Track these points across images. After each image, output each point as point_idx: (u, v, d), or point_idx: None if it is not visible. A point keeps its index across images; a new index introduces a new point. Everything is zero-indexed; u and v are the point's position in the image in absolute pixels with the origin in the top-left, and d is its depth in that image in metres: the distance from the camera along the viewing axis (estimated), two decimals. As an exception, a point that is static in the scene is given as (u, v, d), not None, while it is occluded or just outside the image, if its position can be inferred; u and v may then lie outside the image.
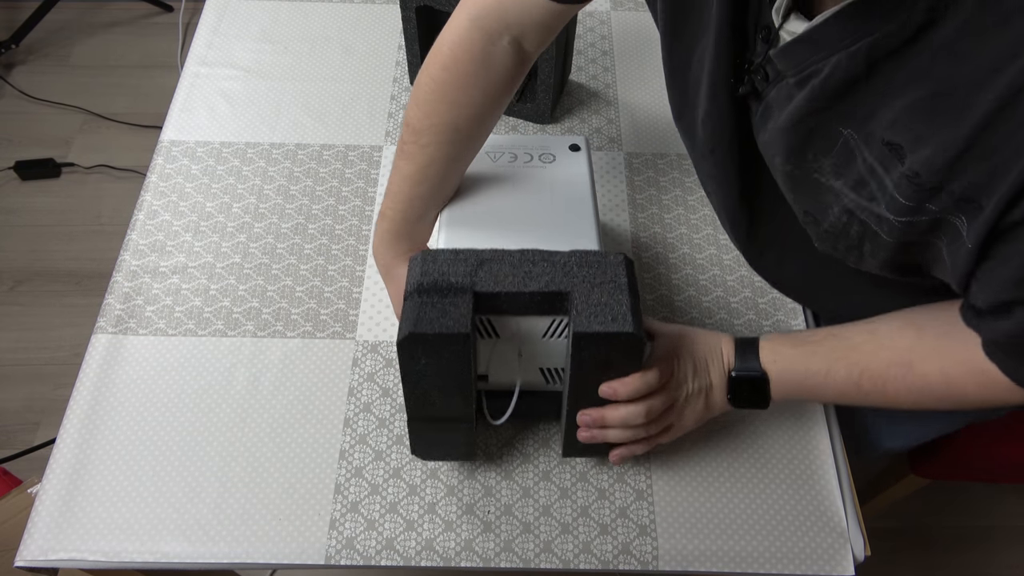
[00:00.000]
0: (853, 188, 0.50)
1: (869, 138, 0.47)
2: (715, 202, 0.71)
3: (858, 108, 0.47)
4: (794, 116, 0.51)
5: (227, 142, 0.94)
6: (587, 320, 0.56)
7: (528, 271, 0.59)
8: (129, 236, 0.86)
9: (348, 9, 1.10)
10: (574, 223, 0.68)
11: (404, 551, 0.68)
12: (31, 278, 1.73)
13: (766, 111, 0.55)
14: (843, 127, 0.49)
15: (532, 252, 0.60)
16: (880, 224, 0.49)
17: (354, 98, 1.00)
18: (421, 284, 0.58)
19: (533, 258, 0.60)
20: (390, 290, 0.75)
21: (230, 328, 0.79)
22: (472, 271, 0.59)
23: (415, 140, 0.68)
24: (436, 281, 0.58)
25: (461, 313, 0.56)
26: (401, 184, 0.70)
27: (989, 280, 0.46)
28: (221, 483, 0.70)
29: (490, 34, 0.66)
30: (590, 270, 0.59)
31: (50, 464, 0.71)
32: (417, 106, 0.68)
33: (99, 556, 0.66)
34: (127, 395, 0.75)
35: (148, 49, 2.15)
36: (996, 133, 0.41)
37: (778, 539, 0.68)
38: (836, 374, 0.61)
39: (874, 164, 0.47)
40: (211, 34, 1.06)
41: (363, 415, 0.75)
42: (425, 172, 0.68)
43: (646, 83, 1.03)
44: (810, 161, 0.52)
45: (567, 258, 0.60)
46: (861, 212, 0.50)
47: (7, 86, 2.03)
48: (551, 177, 0.72)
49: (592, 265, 0.59)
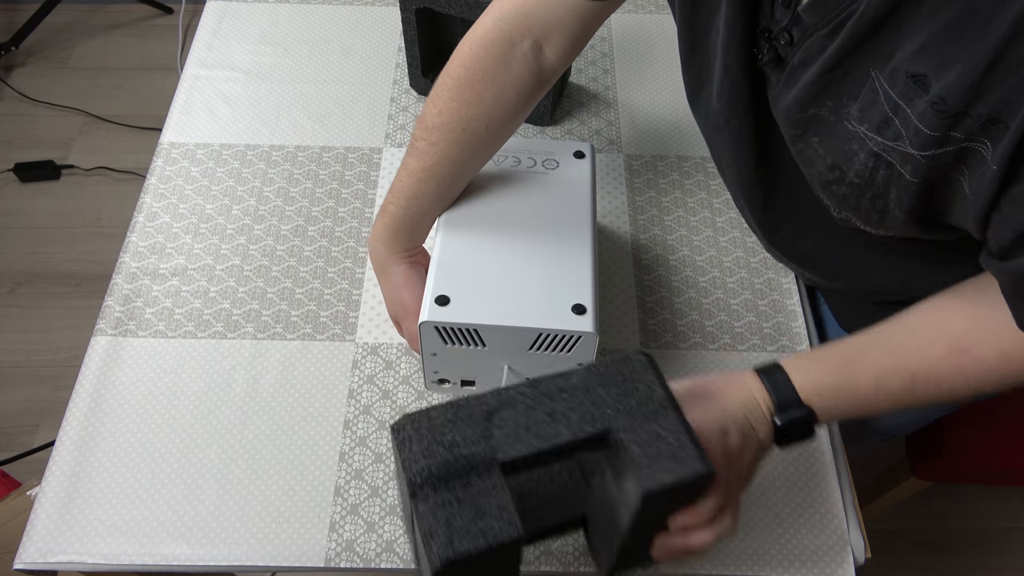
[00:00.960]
0: (878, 130, 0.49)
1: (894, 73, 0.47)
2: (730, 177, 0.71)
3: (885, 44, 0.47)
4: (828, 64, 0.51)
5: (227, 144, 0.94)
6: (650, 470, 0.46)
7: (549, 411, 0.48)
8: (129, 238, 0.86)
9: (348, 11, 1.10)
10: (569, 234, 0.68)
11: (404, 553, 0.68)
12: (31, 280, 1.73)
13: (792, 75, 0.55)
14: (871, 67, 0.49)
15: (543, 384, 0.50)
16: (905, 164, 0.49)
17: (354, 100, 1.00)
18: (429, 471, 0.45)
19: (548, 390, 0.49)
20: (383, 287, 0.75)
21: (230, 330, 0.79)
22: (484, 431, 0.47)
23: (426, 137, 0.68)
24: (447, 461, 0.46)
25: (500, 504, 0.44)
26: (407, 180, 0.69)
27: (1012, 207, 0.45)
28: (221, 485, 0.70)
29: (511, 36, 0.66)
30: (617, 389, 0.50)
31: (49, 466, 0.71)
32: (432, 103, 0.68)
33: (98, 558, 0.66)
34: (127, 397, 0.75)
35: (148, 51, 2.15)
36: (1021, 46, 0.40)
37: (778, 541, 0.68)
38: (888, 386, 0.57)
39: (898, 100, 0.47)
40: (211, 36, 1.06)
41: (363, 417, 0.75)
42: (432, 170, 0.68)
43: (646, 85, 1.03)
44: (844, 106, 0.52)
45: (585, 379, 0.50)
46: (887, 153, 0.49)
47: (7, 88, 2.03)
48: (552, 184, 0.72)
49: (617, 382, 0.50)
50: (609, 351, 0.79)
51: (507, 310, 0.62)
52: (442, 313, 0.62)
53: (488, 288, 0.63)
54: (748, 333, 0.81)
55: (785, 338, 0.80)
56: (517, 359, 0.65)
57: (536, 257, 0.65)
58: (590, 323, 0.61)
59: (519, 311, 0.62)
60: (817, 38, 0.51)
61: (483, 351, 0.64)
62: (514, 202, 0.70)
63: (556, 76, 0.71)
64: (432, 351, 0.66)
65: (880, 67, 0.48)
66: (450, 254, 0.66)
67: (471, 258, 0.66)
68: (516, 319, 0.61)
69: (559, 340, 0.62)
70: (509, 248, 0.66)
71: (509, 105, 0.68)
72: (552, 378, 0.50)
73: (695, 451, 0.47)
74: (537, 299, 0.63)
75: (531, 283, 0.64)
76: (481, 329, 0.62)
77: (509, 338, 0.62)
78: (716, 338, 0.80)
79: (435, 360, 0.67)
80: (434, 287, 0.63)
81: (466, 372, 0.69)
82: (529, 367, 0.66)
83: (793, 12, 0.53)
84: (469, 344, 0.64)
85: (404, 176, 0.69)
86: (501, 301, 0.62)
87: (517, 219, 0.69)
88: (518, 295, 0.63)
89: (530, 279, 0.64)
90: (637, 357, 0.51)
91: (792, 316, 0.82)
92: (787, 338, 0.80)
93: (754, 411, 0.57)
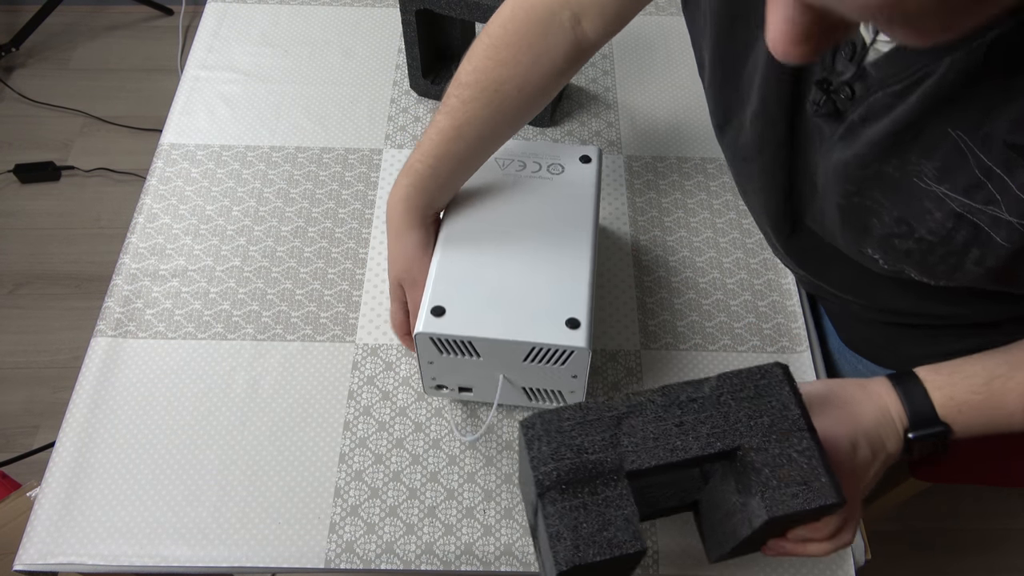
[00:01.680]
0: (965, 192, 0.46)
1: (987, 140, 0.44)
2: (755, 204, 0.68)
3: (971, 108, 0.44)
4: (899, 124, 0.48)
5: (227, 145, 0.94)
6: (778, 493, 0.46)
7: (679, 421, 0.48)
8: (129, 239, 0.86)
9: (348, 13, 1.10)
10: (568, 245, 0.68)
11: (404, 555, 0.68)
12: (31, 281, 1.73)
13: (851, 131, 0.51)
14: (953, 128, 0.45)
15: (674, 391, 0.50)
16: (996, 228, 0.46)
17: (354, 102, 1.00)
18: (558, 473, 0.46)
19: (678, 399, 0.49)
20: (393, 249, 0.71)
21: (230, 331, 0.79)
22: (612, 437, 0.47)
23: (459, 94, 0.67)
24: (575, 466, 0.46)
25: (625, 516, 0.45)
26: (436, 138, 0.67)
27: None
28: (221, 487, 0.70)
29: (551, 5, 0.66)
30: (750, 404, 0.49)
31: (49, 467, 0.71)
32: (468, 60, 0.68)
33: (98, 560, 0.66)
34: (127, 398, 0.75)
35: (148, 52, 2.15)
36: None
37: (778, 542, 0.68)
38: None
39: (992, 166, 0.45)
40: (211, 37, 1.06)
41: (363, 418, 0.75)
42: (462, 130, 0.67)
43: (646, 86, 1.03)
44: (913, 164, 0.49)
45: (717, 390, 0.49)
46: (974, 215, 0.47)
47: (7, 89, 2.03)
48: (554, 191, 0.72)
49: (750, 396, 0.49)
50: (609, 352, 0.79)
51: (502, 323, 0.62)
52: (437, 324, 0.62)
53: (484, 300, 0.64)
54: (748, 334, 0.81)
55: (785, 339, 0.80)
56: (512, 369, 0.65)
57: (534, 268, 0.66)
58: (583, 338, 0.61)
59: (513, 324, 0.62)
60: (884, 95, 0.48)
61: (478, 361, 0.65)
62: (515, 211, 0.70)
63: (593, 51, 0.70)
64: (428, 360, 0.66)
65: (966, 130, 0.45)
66: (448, 264, 0.66)
67: (469, 269, 0.66)
68: (510, 332, 0.62)
69: (552, 354, 0.62)
70: (507, 259, 0.66)
71: (544, 73, 0.68)
72: (683, 386, 0.50)
73: (827, 479, 0.46)
74: (532, 312, 0.63)
75: (527, 295, 0.64)
76: (475, 341, 0.62)
77: (503, 350, 0.63)
78: (716, 339, 0.80)
79: (432, 368, 0.67)
80: (431, 298, 0.64)
81: (463, 380, 0.69)
82: (524, 377, 0.66)
83: (858, 67, 0.49)
84: (464, 354, 0.64)
85: (433, 134, 0.68)
86: (496, 313, 0.63)
87: (517, 229, 0.69)
88: (513, 308, 0.63)
89: (526, 291, 0.64)
90: (773, 370, 0.50)
91: (792, 317, 0.82)
92: (787, 339, 0.80)
93: (887, 425, 0.56)
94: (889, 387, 0.57)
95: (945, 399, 0.56)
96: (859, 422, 0.55)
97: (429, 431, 0.74)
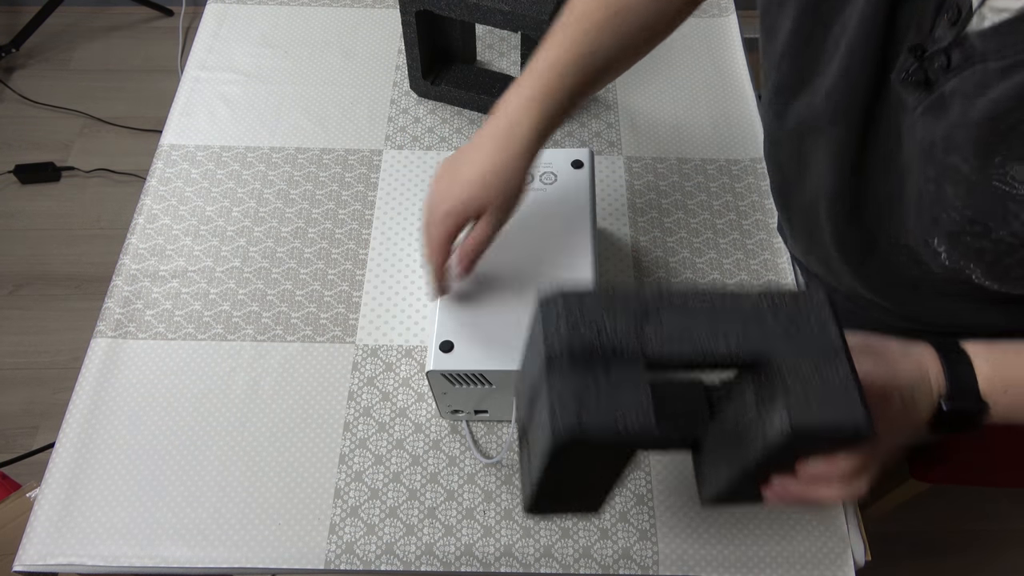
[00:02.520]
0: None
1: None
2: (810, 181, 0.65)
3: None
4: (994, 110, 0.43)
5: (227, 146, 0.95)
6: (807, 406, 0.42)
7: (711, 321, 0.44)
8: (129, 240, 0.86)
9: (348, 13, 1.10)
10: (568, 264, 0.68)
11: (404, 555, 0.68)
12: (31, 282, 1.73)
13: (937, 104, 0.47)
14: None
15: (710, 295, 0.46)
16: None
17: (354, 102, 1.00)
18: (571, 346, 0.42)
19: (713, 303, 0.45)
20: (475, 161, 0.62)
21: (230, 332, 0.79)
22: (638, 326, 0.43)
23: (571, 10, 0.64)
24: (591, 344, 0.42)
25: (637, 399, 0.41)
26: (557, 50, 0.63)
27: None
28: (220, 487, 0.70)
29: None
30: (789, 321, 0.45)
31: (49, 468, 0.71)
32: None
33: (98, 560, 0.66)
34: (126, 399, 0.75)
35: (148, 53, 2.15)
36: None
37: (779, 544, 0.68)
38: None
39: None
40: (211, 38, 1.06)
41: (363, 419, 0.75)
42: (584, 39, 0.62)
43: (646, 87, 1.03)
44: (996, 166, 0.44)
45: (757, 302, 0.45)
46: None
47: (7, 90, 2.03)
48: (550, 204, 0.72)
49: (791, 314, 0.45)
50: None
51: (510, 353, 0.62)
52: (447, 361, 0.63)
53: (490, 331, 0.64)
54: (748, 335, 0.81)
55: (785, 340, 0.80)
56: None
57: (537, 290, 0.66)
58: None
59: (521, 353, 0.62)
60: (982, 70, 0.43)
61: (491, 389, 0.65)
62: (513, 231, 0.70)
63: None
64: (442, 391, 0.67)
65: None
66: (452, 298, 0.67)
67: (473, 301, 0.66)
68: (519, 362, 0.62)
69: None
70: (510, 283, 0.67)
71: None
72: (720, 291, 0.45)
73: (860, 405, 0.42)
74: None
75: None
76: (487, 373, 0.63)
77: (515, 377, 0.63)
78: (716, 340, 0.80)
79: (446, 397, 0.68)
80: (438, 333, 0.64)
81: (478, 404, 0.70)
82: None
83: (958, 33, 0.45)
84: (476, 384, 0.65)
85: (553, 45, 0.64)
86: (503, 344, 0.63)
87: (517, 252, 0.69)
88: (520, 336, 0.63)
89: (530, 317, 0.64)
90: (817, 294, 0.45)
91: (792, 318, 0.82)
92: (787, 340, 0.80)
93: (922, 387, 0.52)
94: (933, 353, 0.53)
95: (993, 375, 0.51)
96: (896, 375, 0.51)
97: (429, 432, 0.74)
